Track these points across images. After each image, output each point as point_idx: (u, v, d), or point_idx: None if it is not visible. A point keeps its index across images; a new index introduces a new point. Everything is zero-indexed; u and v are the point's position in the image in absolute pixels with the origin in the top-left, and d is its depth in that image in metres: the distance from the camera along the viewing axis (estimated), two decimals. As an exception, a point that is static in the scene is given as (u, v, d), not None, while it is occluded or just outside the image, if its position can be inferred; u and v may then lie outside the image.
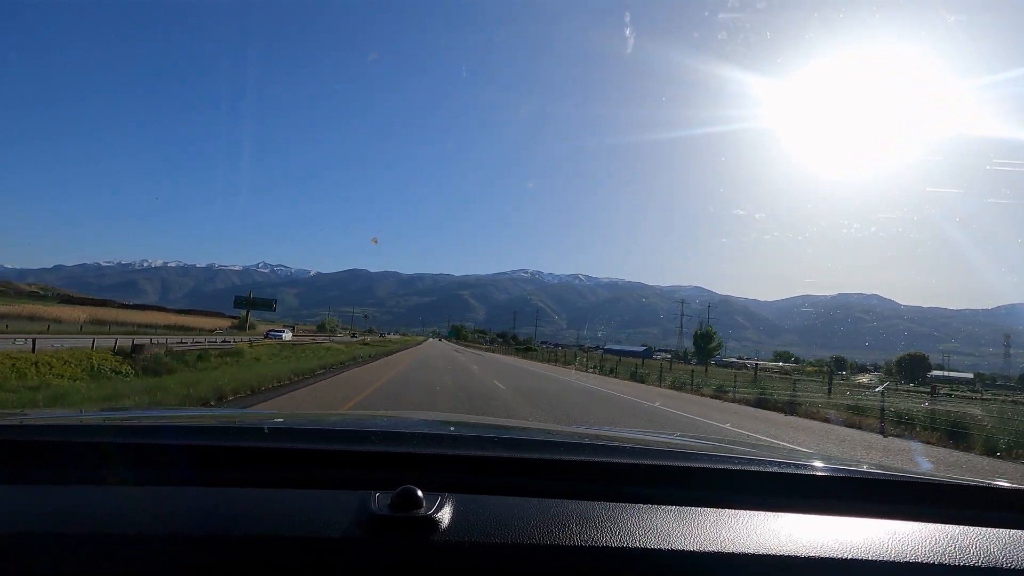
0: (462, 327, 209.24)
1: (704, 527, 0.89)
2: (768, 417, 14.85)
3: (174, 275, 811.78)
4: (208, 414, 2.29)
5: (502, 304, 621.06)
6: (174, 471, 1.01)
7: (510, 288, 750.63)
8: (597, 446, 1.31)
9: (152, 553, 0.79)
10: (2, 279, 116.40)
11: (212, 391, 10.01)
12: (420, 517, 0.83)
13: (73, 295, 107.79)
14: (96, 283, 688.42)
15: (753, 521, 0.93)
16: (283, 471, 1.03)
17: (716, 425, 12.12)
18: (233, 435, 1.23)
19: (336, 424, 1.66)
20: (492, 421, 3.65)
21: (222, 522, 0.84)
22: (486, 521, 0.86)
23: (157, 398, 9.01)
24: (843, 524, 0.95)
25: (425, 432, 1.32)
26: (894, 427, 12.79)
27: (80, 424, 1.39)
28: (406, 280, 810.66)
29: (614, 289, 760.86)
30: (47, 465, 1.01)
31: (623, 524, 0.88)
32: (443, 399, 12.10)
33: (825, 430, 12.74)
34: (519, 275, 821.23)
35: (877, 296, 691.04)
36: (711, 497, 1.00)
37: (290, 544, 0.79)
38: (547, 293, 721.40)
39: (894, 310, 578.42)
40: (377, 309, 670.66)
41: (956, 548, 0.88)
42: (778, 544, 0.86)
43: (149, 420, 1.56)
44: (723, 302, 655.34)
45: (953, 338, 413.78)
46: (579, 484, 1.04)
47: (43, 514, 0.86)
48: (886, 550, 0.87)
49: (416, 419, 1.89)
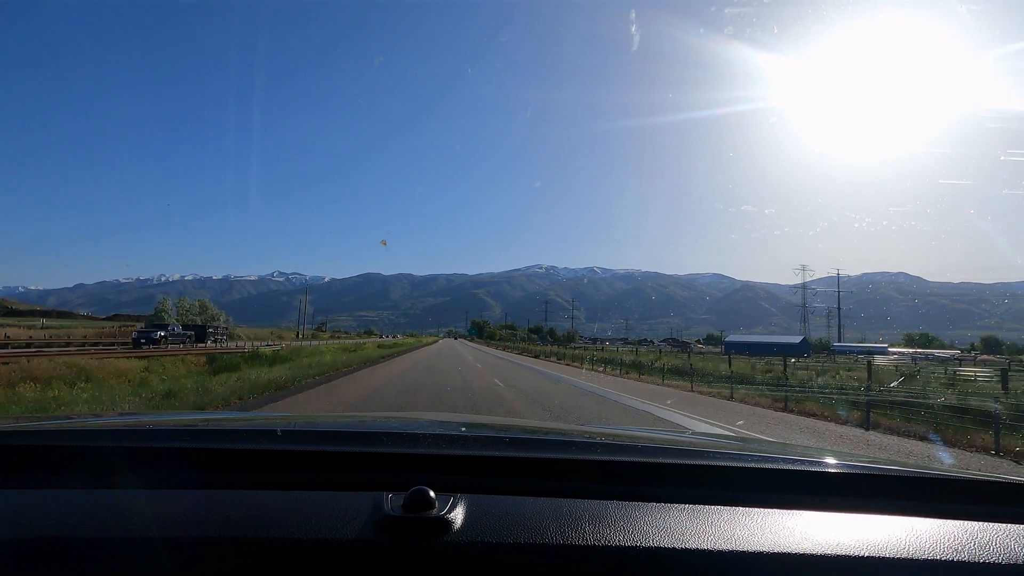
0: (485, 323, 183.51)
1: (718, 526, 0.89)
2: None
3: (191, 288, 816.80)
4: (221, 417, 2.35)
5: (518, 301, 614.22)
6: (188, 475, 1.01)
7: (525, 284, 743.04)
8: (609, 445, 1.31)
9: (167, 556, 0.79)
10: (26, 300, 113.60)
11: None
12: (433, 518, 0.83)
13: (77, 314, 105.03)
14: (115, 299, 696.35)
15: (768, 519, 0.92)
16: (296, 473, 1.03)
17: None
18: (246, 438, 1.24)
19: (348, 426, 1.67)
20: (503, 422, 3.62)
21: (235, 525, 0.85)
22: (499, 521, 0.86)
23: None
24: (860, 521, 0.94)
25: (437, 433, 1.34)
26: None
27: (94, 429, 1.39)
28: (420, 282, 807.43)
29: (631, 280, 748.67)
30: (59, 470, 1.01)
31: (636, 523, 0.88)
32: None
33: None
34: (534, 271, 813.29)
35: (904, 274, 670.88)
36: (725, 496, 0.99)
37: (304, 546, 0.80)
38: (563, 287, 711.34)
39: (924, 287, 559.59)
40: (392, 312, 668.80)
41: (976, 545, 0.87)
42: (794, 542, 0.85)
43: (162, 424, 1.57)
44: (745, 287, 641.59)
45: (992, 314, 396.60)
46: (592, 484, 1.03)
47: (50, 519, 0.85)
48: (905, 547, 0.85)
49: (427, 420, 1.93)
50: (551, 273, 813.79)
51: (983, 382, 20.00)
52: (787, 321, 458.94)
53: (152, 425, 1.50)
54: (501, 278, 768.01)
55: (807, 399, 13.94)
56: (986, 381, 20.33)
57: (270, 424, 1.58)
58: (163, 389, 12.35)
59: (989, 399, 10.06)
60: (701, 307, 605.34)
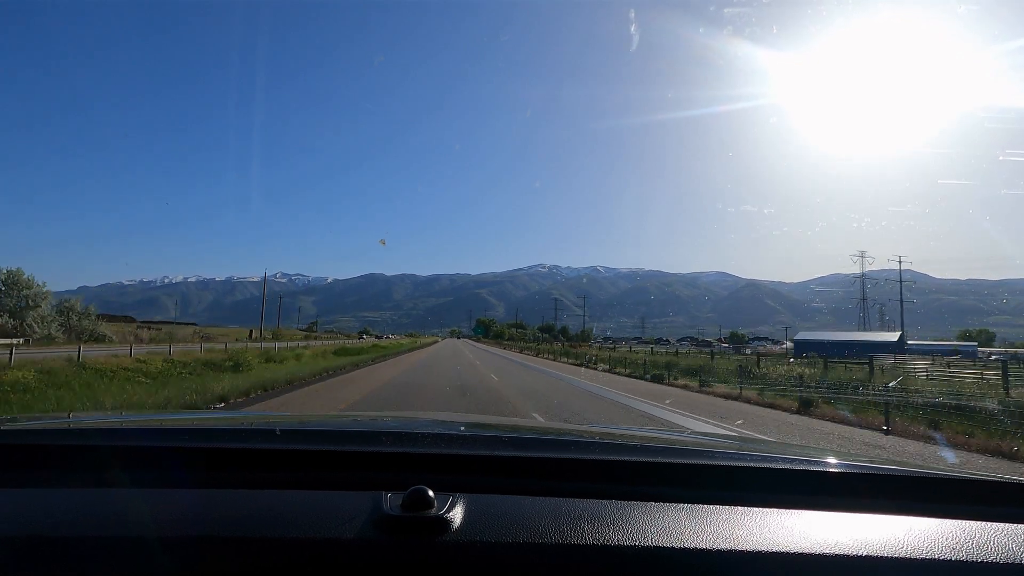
0: (491, 321, 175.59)
1: (717, 525, 0.89)
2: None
3: (194, 290, 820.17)
4: (219, 416, 2.31)
5: (521, 300, 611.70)
6: (188, 474, 1.01)
7: (528, 284, 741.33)
8: (608, 444, 1.30)
9: (166, 556, 0.79)
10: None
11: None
12: (432, 517, 0.83)
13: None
14: (118, 301, 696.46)
15: (767, 519, 0.92)
16: (295, 473, 1.03)
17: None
18: (245, 437, 1.24)
19: (347, 425, 1.66)
20: (502, 421, 3.57)
21: (234, 524, 0.85)
22: (497, 521, 0.85)
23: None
24: (859, 521, 0.94)
25: (436, 432, 1.33)
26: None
27: (93, 427, 1.38)
28: (423, 282, 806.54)
29: (634, 279, 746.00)
30: (58, 469, 1.01)
31: (635, 523, 0.88)
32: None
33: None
34: (536, 270, 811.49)
35: (910, 271, 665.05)
36: (724, 495, 0.99)
37: (303, 545, 0.80)
38: (566, 287, 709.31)
39: (931, 284, 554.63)
40: (395, 313, 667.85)
41: (974, 544, 0.87)
42: (792, 542, 0.85)
43: (162, 423, 1.56)
44: (750, 286, 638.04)
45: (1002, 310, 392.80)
46: (590, 483, 1.03)
47: (50, 518, 0.86)
48: (903, 547, 0.85)
49: (426, 419, 1.92)
50: (554, 272, 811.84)
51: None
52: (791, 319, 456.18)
53: (152, 424, 1.49)
54: (504, 278, 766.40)
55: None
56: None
57: (269, 423, 1.58)
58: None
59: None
60: (706, 305, 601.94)
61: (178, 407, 9.74)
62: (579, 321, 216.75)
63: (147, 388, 13.71)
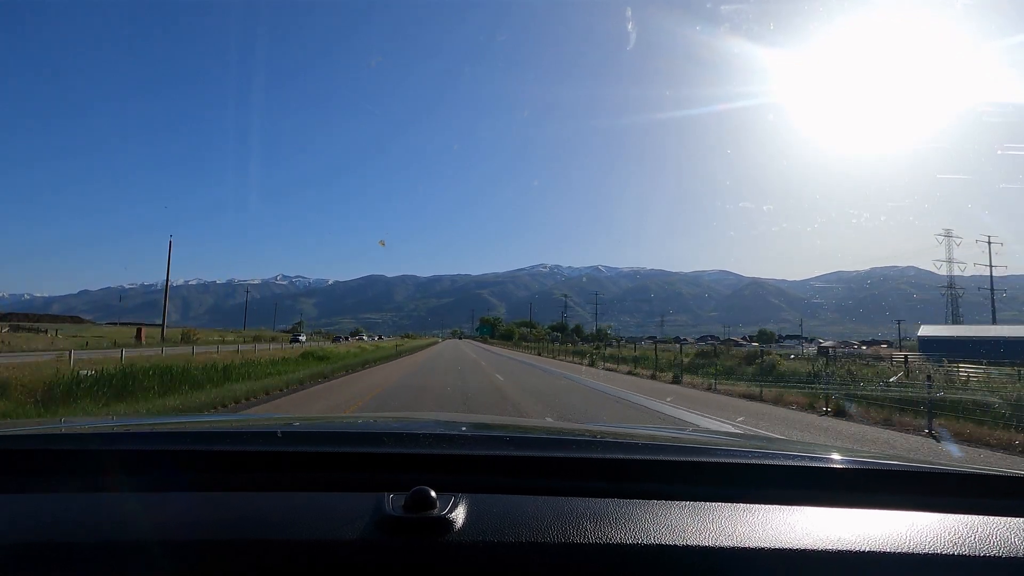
0: (497, 320, 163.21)
1: (719, 522, 0.89)
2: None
3: (195, 292, 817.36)
4: (220, 419, 2.20)
5: (522, 300, 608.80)
6: (188, 477, 1.01)
7: (529, 284, 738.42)
8: (609, 443, 1.31)
9: (167, 559, 0.79)
10: (31, 308, 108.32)
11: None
12: (434, 518, 0.83)
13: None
14: (119, 305, 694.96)
15: (768, 515, 0.92)
16: (297, 474, 1.03)
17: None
18: (246, 440, 1.23)
19: (348, 427, 1.66)
20: (504, 421, 3.59)
21: (236, 527, 0.85)
22: (500, 520, 0.85)
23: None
24: (860, 517, 0.94)
25: (437, 433, 1.33)
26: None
27: (93, 432, 1.38)
28: (423, 283, 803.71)
29: (636, 278, 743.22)
30: (58, 474, 1.01)
31: (637, 521, 0.88)
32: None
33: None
34: (538, 270, 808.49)
35: (914, 267, 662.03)
36: (726, 492, 0.99)
37: (305, 547, 0.80)
38: (568, 286, 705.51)
39: (936, 280, 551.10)
40: (396, 314, 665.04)
41: (976, 539, 0.87)
42: (794, 538, 0.86)
43: (162, 427, 1.57)
44: (753, 284, 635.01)
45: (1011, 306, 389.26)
46: (592, 482, 1.03)
47: (51, 523, 0.86)
48: (905, 542, 0.85)
49: (428, 420, 1.89)
50: (555, 272, 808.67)
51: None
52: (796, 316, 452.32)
53: (151, 428, 1.51)
54: (505, 278, 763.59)
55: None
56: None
57: (270, 426, 1.58)
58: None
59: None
60: (709, 304, 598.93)
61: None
62: (584, 320, 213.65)
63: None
